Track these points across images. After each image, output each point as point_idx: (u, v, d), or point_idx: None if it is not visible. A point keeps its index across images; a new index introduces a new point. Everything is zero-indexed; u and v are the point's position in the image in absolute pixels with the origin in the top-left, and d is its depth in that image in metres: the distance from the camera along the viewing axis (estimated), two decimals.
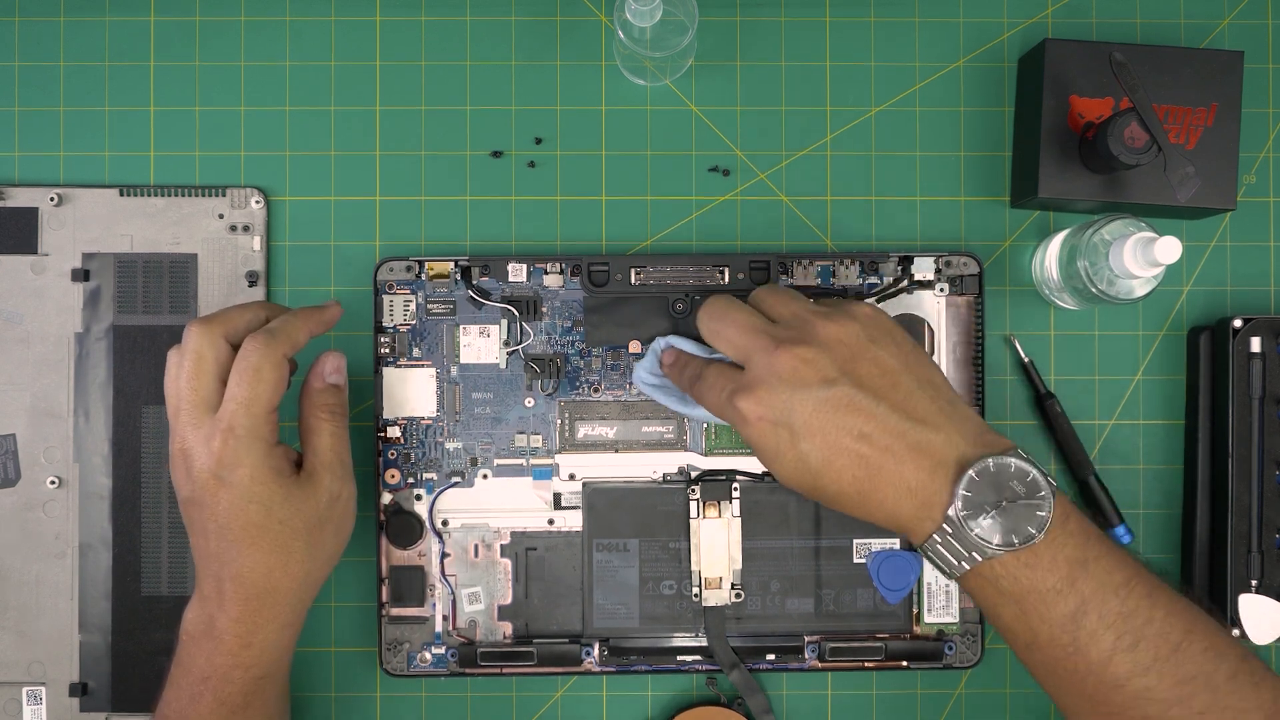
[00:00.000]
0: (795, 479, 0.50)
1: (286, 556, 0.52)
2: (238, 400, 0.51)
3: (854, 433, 0.48)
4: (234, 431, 0.51)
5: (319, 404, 0.55)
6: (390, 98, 0.64)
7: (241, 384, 0.51)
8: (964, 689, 0.64)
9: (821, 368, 0.49)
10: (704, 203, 0.65)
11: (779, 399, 0.49)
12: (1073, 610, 0.47)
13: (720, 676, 0.63)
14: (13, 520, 0.62)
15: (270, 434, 0.52)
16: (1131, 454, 0.64)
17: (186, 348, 0.52)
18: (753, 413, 0.49)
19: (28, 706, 0.62)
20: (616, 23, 0.59)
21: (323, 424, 0.55)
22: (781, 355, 0.49)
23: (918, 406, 0.49)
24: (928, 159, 0.65)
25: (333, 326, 0.57)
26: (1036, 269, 0.64)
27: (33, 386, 0.63)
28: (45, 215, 0.63)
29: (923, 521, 0.48)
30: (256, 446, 0.51)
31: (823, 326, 0.50)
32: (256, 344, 0.52)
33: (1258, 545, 0.61)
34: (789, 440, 0.49)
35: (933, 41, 0.65)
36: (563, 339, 0.62)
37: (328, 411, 0.55)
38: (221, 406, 0.52)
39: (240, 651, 0.52)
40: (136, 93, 0.64)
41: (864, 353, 0.50)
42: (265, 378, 0.52)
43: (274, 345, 0.52)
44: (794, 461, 0.49)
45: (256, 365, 0.52)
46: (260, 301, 0.56)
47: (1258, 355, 0.61)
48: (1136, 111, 0.56)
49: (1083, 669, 0.47)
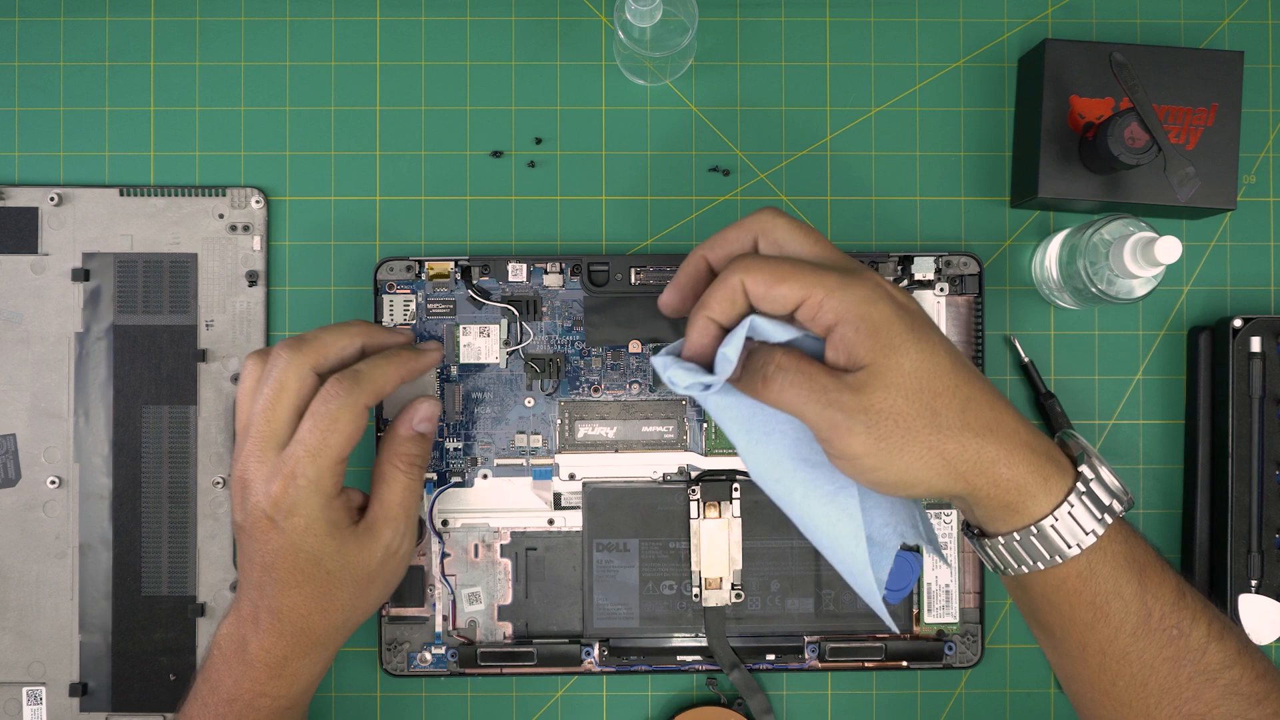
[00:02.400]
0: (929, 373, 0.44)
1: (328, 603, 0.51)
2: (306, 447, 0.49)
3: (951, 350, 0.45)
4: (295, 480, 0.49)
5: (400, 452, 0.53)
6: (390, 98, 0.64)
7: (314, 430, 0.49)
8: (964, 689, 0.64)
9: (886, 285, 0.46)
10: (704, 203, 0.65)
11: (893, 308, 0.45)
12: (1174, 587, 0.45)
13: (720, 676, 0.63)
14: (13, 520, 0.62)
15: (333, 485, 0.51)
16: (1131, 454, 0.64)
17: (271, 372, 0.50)
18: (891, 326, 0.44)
19: (28, 706, 0.62)
20: (616, 23, 0.59)
21: (398, 474, 0.53)
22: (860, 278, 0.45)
23: None
24: (928, 159, 0.65)
25: (428, 371, 0.55)
26: (1036, 269, 0.64)
27: (33, 386, 0.63)
28: (45, 215, 0.63)
29: (1048, 480, 0.44)
30: (315, 499, 0.50)
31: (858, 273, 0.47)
32: (340, 389, 0.50)
33: (1258, 545, 0.61)
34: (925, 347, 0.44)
35: (933, 41, 0.65)
36: (563, 339, 0.62)
37: (406, 462, 0.53)
38: (289, 448, 0.50)
39: (269, 681, 0.52)
40: (136, 93, 0.64)
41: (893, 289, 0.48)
42: (341, 428, 0.50)
43: (358, 393, 0.50)
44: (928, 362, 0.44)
45: (335, 413, 0.50)
46: (359, 323, 0.54)
47: (1258, 355, 0.61)
48: (1136, 111, 0.56)
49: (1184, 656, 0.45)
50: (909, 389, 0.43)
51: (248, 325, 0.63)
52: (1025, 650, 0.64)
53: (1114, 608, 0.45)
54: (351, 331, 0.53)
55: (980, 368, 0.62)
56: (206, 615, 0.62)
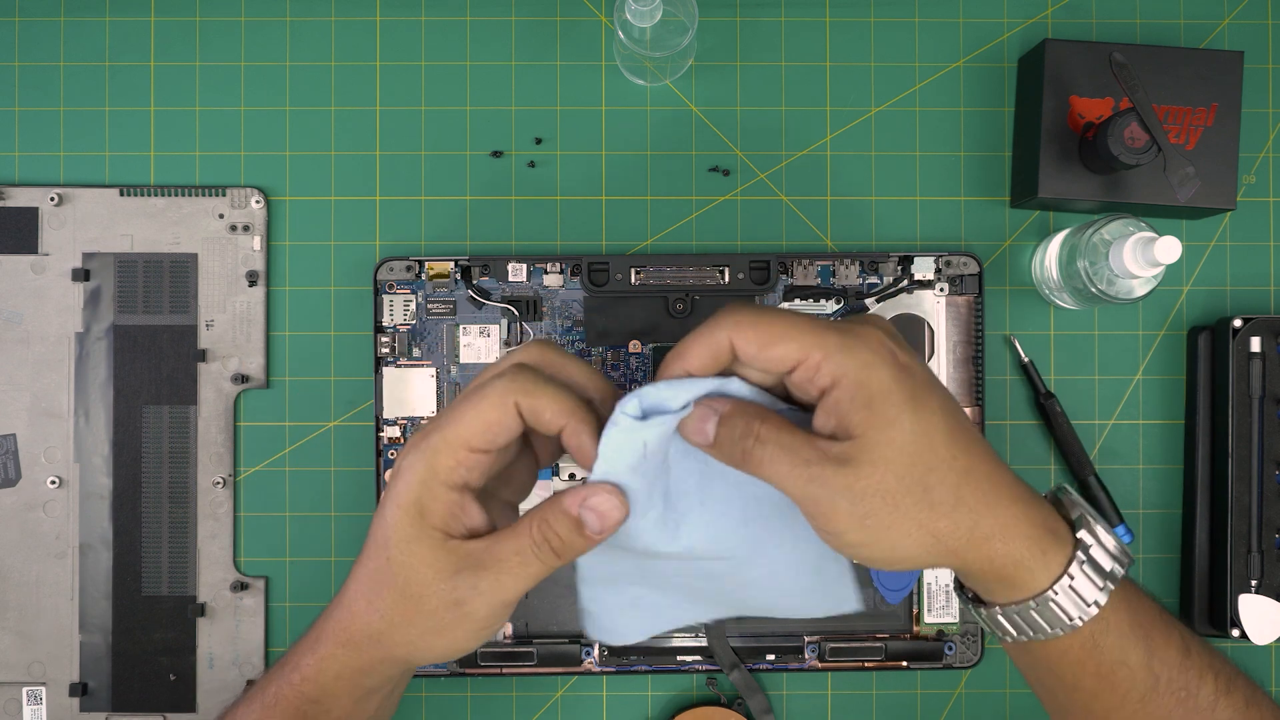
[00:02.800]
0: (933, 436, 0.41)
1: (375, 596, 0.44)
2: (446, 420, 0.42)
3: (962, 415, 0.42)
4: (419, 445, 0.42)
5: (546, 519, 0.42)
6: (390, 98, 0.64)
7: (459, 407, 0.42)
8: (964, 689, 0.64)
9: (892, 342, 0.42)
10: (704, 203, 0.65)
11: (889, 374, 0.41)
12: (1180, 646, 0.43)
13: (720, 676, 0.63)
14: (13, 520, 0.62)
15: (449, 469, 0.42)
16: (1131, 454, 0.64)
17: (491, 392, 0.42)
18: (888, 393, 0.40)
19: (28, 706, 0.62)
20: (616, 23, 0.59)
21: (525, 539, 0.42)
22: (856, 332, 0.41)
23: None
24: (928, 159, 0.65)
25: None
26: (1036, 269, 0.64)
27: (33, 386, 0.63)
28: (45, 215, 0.63)
29: (1046, 554, 0.41)
30: (419, 470, 0.42)
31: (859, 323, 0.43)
32: (506, 379, 0.42)
33: (1258, 545, 0.61)
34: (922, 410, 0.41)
35: (933, 41, 0.65)
36: (563, 339, 0.62)
37: (540, 534, 0.42)
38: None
39: (304, 653, 0.46)
40: (136, 93, 0.64)
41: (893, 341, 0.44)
42: (481, 413, 0.42)
43: (515, 388, 0.42)
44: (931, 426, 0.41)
45: (483, 395, 0.42)
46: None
47: (1257, 355, 0.61)
48: (1136, 111, 0.56)
49: (1193, 716, 0.43)
50: (900, 465, 0.40)
51: (248, 325, 0.63)
52: None
53: (1120, 676, 0.43)
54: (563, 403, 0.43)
55: (980, 368, 0.62)
56: (206, 615, 0.62)
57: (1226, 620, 0.61)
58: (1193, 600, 0.62)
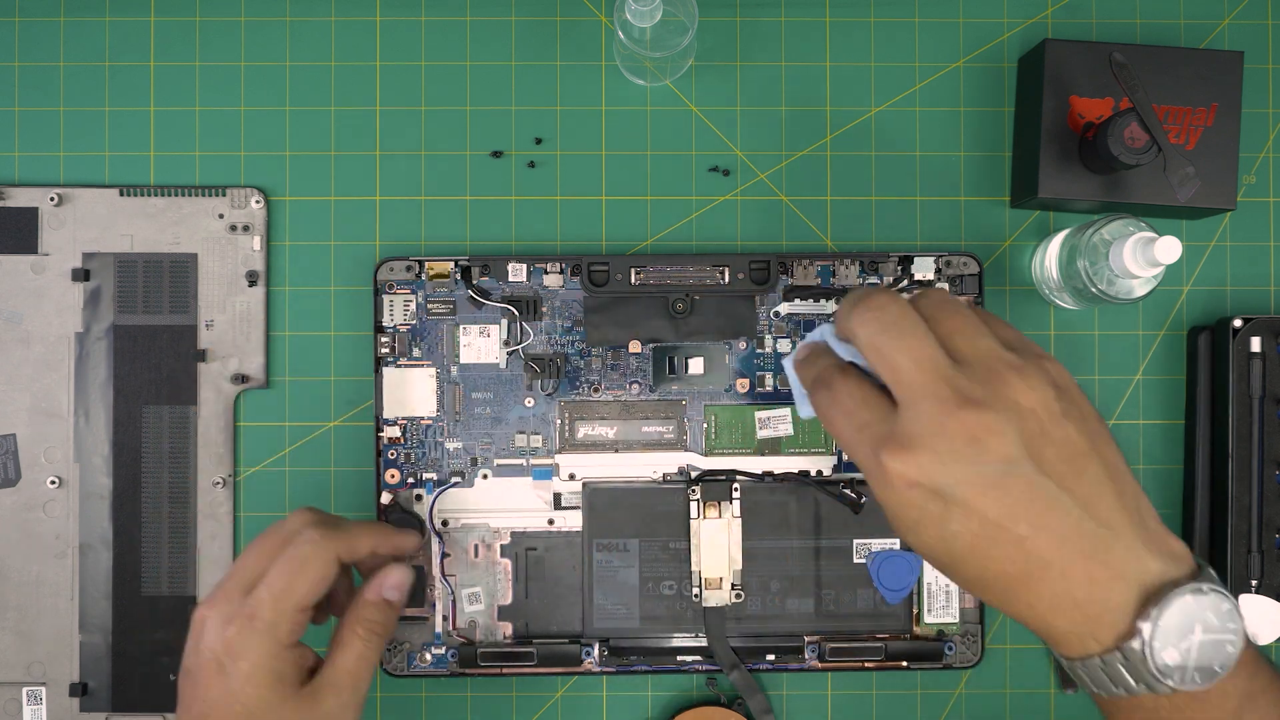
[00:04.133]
0: (929, 552, 0.41)
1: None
2: (271, 589, 0.48)
3: (1024, 524, 0.39)
4: (252, 621, 0.48)
5: (361, 617, 0.51)
6: (390, 98, 0.64)
7: (281, 573, 0.48)
8: (964, 689, 0.64)
9: (1006, 443, 0.39)
10: (704, 203, 0.65)
11: (944, 470, 0.39)
12: None
13: (720, 677, 0.63)
14: (13, 520, 0.62)
15: (289, 633, 0.49)
16: (1131, 454, 0.64)
17: (295, 548, 0.50)
18: (903, 477, 0.39)
19: (28, 706, 0.62)
20: (616, 23, 0.59)
21: (355, 640, 0.51)
22: (961, 417, 0.39)
23: (1102, 502, 0.40)
24: (928, 159, 0.65)
25: (405, 555, 0.55)
26: (1036, 269, 0.64)
27: (33, 386, 0.63)
28: (45, 215, 0.63)
29: (1084, 639, 0.40)
30: (267, 644, 0.48)
31: (1016, 385, 0.40)
32: (315, 534, 0.50)
33: (1258, 545, 0.61)
34: (938, 514, 0.40)
35: (933, 41, 0.65)
36: (563, 339, 0.62)
37: (365, 629, 0.51)
38: (255, 590, 0.49)
39: None
40: (136, 93, 0.64)
41: (1054, 427, 0.40)
42: (309, 572, 0.49)
43: (331, 542, 0.50)
44: (936, 539, 0.40)
45: (305, 557, 0.49)
46: (376, 525, 0.54)
47: (1258, 355, 0.61)
48: (1136, 111, 0.56)
49: None
50: (926, 554, 0.41)
51: (248, 325, 0.63)
52: (1025, 650, 0.64)
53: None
54: (372, 531, 0.53)
55: None
56: None
57: None
58: None
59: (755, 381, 0.62)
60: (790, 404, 0.62)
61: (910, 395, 0.40)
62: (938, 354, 0.41)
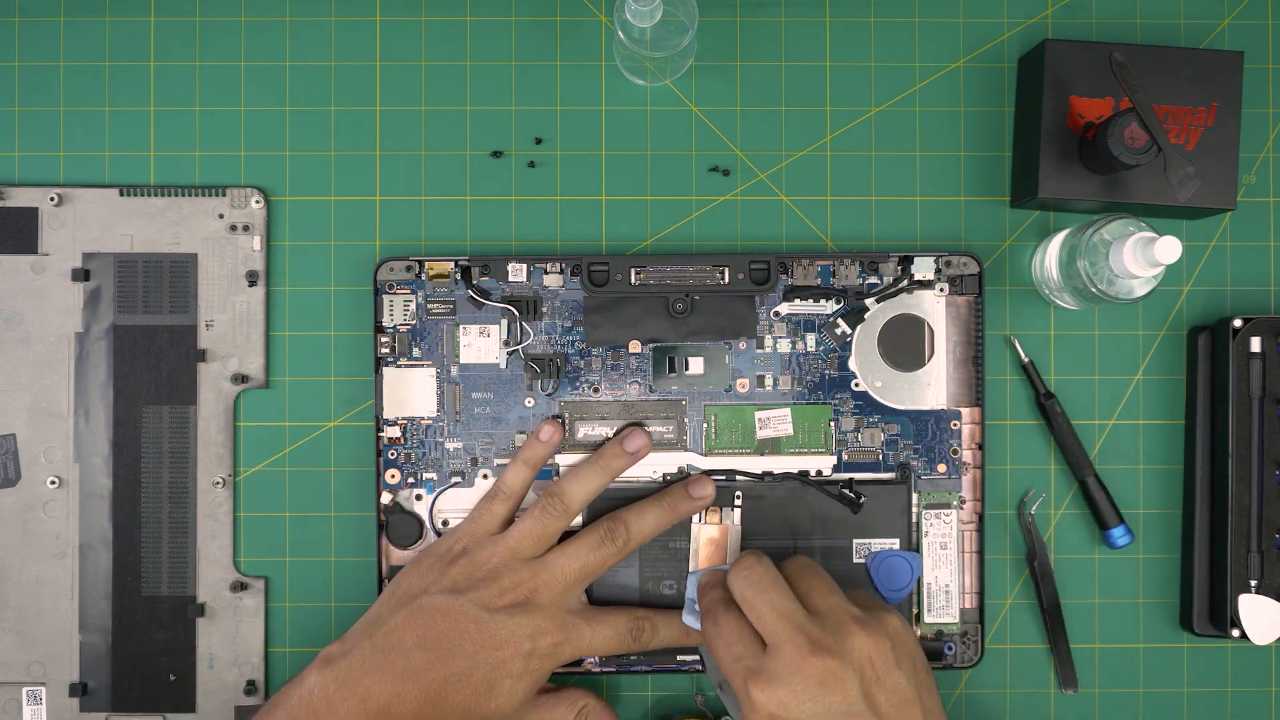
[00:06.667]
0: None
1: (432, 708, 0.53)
2: (585, 566, 0.57)
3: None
4: (553, 590, 0.56)
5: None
6: (390, 98, 0.64)
7: (593, 555, 0.57)
8: (964, 689, 0.64)
9: (848, 690, 0.49)
10: (704, 203, 0.65)
11: (798, 707, 0.49)
12: None
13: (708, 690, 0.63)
14: (13, 520, 0.62)
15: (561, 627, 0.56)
16: (1131, 454, 0.64)
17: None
18: (765, 706, 0.49)
19: (28, 706, 0.62)
20: (616, 23, 0.59)
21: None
22: (813, 662, 0.49)
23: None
24: (928, 159, 0.65)
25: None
26: (1036, 269, 0.64)
27: (33, 386, 0.63)
28: (45, 215, 0.63)
29: None
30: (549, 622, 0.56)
31: (858, 637, 0.50)
32: (615, 539, 0.58)
33: (1258, 545, 0.61)
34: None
35: (933, 41, 0.65)
36: (563, 339, 0.62)
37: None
38: (561, 560, 0.57)
39: None
40: (136, 93, 0.64)
41: (887, 676, 0.50)
42: (599, 564, 0.58)
43: (627, 549, 0.58)
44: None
45: (608, 559, 0.58)
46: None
47: (1258, 355, 0.61)
48: (1136, 111, 0.56)
49: None
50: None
51: (248, 325, 0.63)
52: (1025, 650, 0.64)
53: None
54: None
55: (980, 368, 0.62)
56: (206, 615, 0.62)
57: (1226, 620, 0.61)
58: (1193, 600, 0.62)
59: (755, 381, 0.62)
60: (789, 404, 0.62)
61: (774, 640, 0.50)
62: (795, 607, 0.51)
